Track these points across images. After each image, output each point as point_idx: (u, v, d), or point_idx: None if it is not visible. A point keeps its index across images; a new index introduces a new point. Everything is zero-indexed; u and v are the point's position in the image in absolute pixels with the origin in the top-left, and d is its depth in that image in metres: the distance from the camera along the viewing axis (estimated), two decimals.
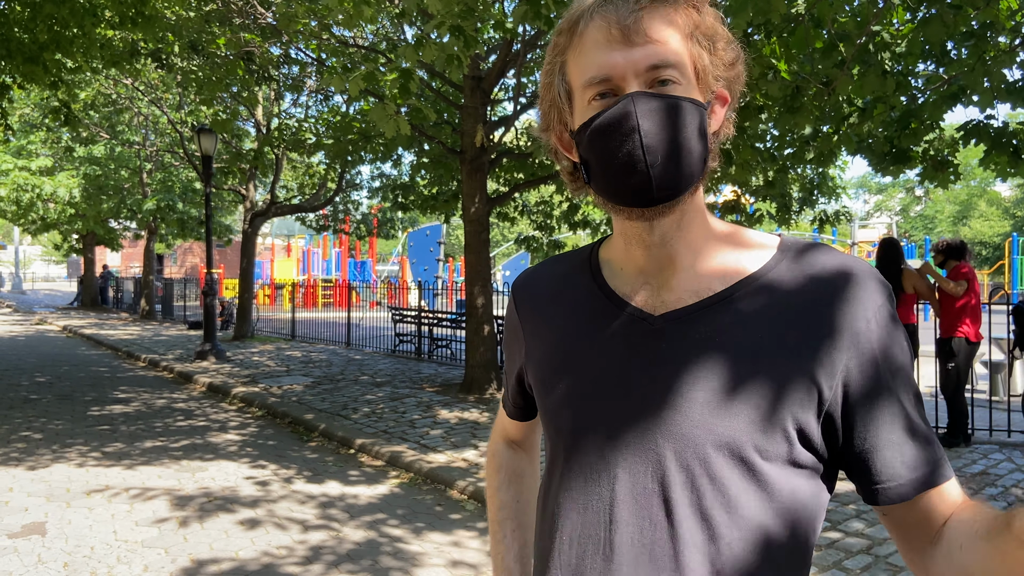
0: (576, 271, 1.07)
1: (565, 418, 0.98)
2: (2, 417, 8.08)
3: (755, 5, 4.33)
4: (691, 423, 0.88)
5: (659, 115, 0.87)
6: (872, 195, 58.51)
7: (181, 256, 42.53)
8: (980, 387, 9.95)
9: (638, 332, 0.95)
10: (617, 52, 0.89)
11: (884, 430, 0.88)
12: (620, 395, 0.94)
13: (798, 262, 0.94)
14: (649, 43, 0.88)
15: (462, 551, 4.41)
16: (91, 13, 8.13)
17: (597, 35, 0.90)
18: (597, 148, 0.90)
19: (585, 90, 0.92)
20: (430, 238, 32.24)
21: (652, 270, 0.97)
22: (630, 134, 0.86)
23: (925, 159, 6.55)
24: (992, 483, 5.48)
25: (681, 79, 0.89)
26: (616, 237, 1.02)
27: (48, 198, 20.77)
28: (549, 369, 1.02)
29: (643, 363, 0.93)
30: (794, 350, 0.88)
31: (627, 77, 0.89)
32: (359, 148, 11.70)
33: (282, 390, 9.58)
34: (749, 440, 0.87)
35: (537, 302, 1.10)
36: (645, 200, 0.89)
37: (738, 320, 0.91)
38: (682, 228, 0.95)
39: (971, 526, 0.83)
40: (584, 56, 0.92)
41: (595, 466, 0.94)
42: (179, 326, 20.04)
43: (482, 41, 8.94)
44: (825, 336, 0.88)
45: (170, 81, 16.14)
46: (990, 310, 7.57)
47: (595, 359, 0.97)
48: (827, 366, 0.87)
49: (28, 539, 4.53)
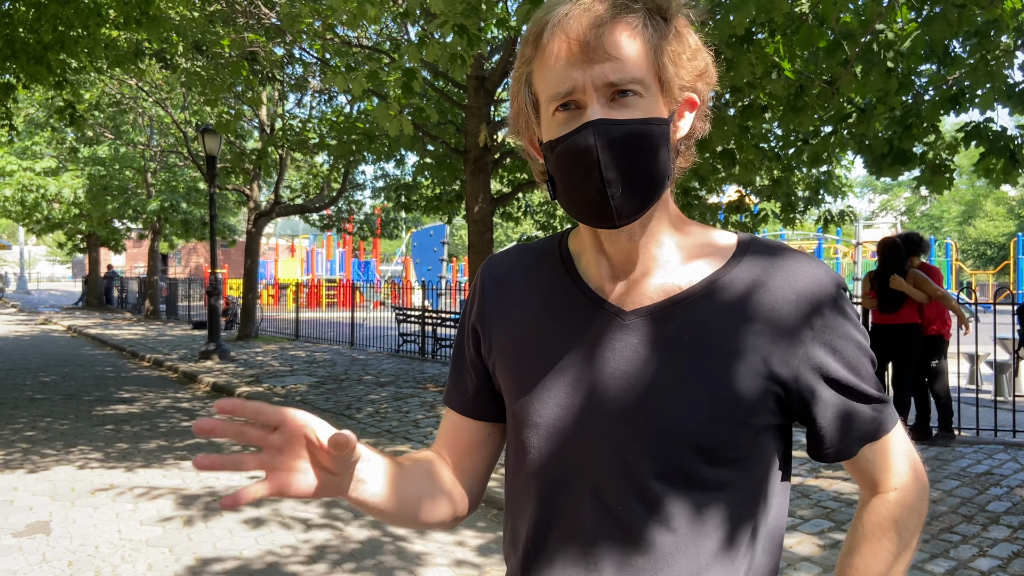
0: (547, 262, 1.07)
1: (535, 409, 0.99)
2: (7, 417, 8.10)
3: (758, 3, 4.32)
4: (661, 418, 0.92)
5: (619, 145, 0.88)
6: (878, 194, 58.35)
7: (185, 256, 42.61)
8: (985, 387, 9.92)
9: (610, 327, 0.98)
10: (576, 69, 0.89)
11: (838, 409, 0.96)
12: (591, 388, 0.96)
13: (757, 259, 0.98)
14: (608, 60, 0.88)
15: (465, 551, 4.41)
16: (96, 13, 8.16)
17: (559, 49, 0.90)
18: (560, 173, 0.93)
19: (550, 103, 0.93)
20: (434, 238, 32.24)
21: (620, 264, 1.00)
22: (591, 168, 0.89)
23: (923, 162, 6.52)
24: (997, 483, 5.47)
25: (643, 91, 0.90)
26: (584, 230, 1.04)
27: (53, 198, 20.85)
28: (520, 360, 1.03)
29: (613, 358, 0.96)
30: (756, 345, 0.93)
31: (588, 91, 0.89)
32: (363, 148, 11.71)
33: (286, 390, 9.60)
34: (717, 433, 0.92)
35: (507, 292, 1.08)
36: (607, 225, 0.93)
37: (705, 317, 0.95)
38: (648, 226, 0.98)
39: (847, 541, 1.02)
40: (547, 70, 0.92)
41: (564, 457, 0.97)
42: (183, 326, 20.08)
43: (485, 41, 8.94)
44: (785, 330, 0.94)
45: (174, 81, 16.17)
46: (995, 310, 7.55)
47: (566, 352, 0.99)
48: (787, 359, 0.93)
49: (33, 538, 4.54)
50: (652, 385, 0.93)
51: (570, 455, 0.96)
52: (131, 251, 42.46)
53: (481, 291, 1.11)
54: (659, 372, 0.93)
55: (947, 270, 28.04)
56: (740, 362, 0.92)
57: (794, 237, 30.35)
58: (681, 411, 0.92)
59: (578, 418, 0.96)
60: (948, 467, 5.90)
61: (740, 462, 0.94)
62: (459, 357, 1.14)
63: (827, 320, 0.95)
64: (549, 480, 0.98)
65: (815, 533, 4.48)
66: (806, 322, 0.94)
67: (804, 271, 0.96)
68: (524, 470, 1.01)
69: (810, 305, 0.94)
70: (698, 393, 0.92)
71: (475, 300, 1.12)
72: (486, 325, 1.08)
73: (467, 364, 1.12)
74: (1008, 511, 4.85)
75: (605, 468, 0.94)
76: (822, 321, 0.94)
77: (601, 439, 0.94)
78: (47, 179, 20.53)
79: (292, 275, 33.99)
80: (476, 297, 1.12)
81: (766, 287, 0.95)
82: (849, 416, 0.96)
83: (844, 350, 0.95)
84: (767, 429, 0.95)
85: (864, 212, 50.70)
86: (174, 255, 40.33)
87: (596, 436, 0.95)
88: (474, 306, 1.12)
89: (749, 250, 1.00)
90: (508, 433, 1.07)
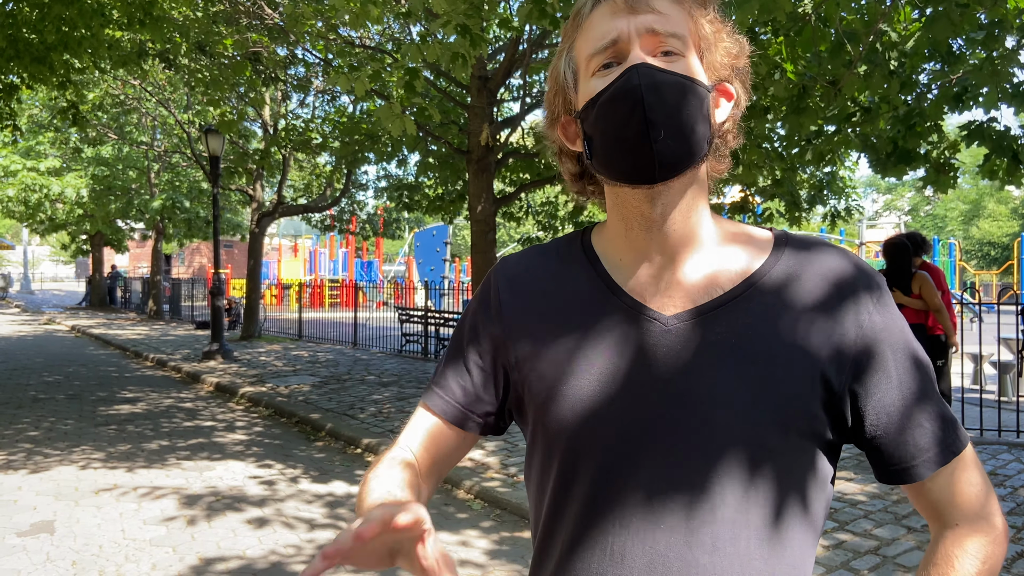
0: (571, 264, 1.02)
1: (573, 422, 0.93)
2: (11, 416, 8.12)
3: (761, 2, 4.32)
4: (711, 425, 0.88)
5: (663, 90, 0.87)
6: (881, 194, 58.24)
7: (189, 256, 42.66)
8: (989, 387, 9.90)
9: (651, 333, 0.93)
10: (621, 19, 0.91)
11: (895, 416, 0.90)
12: (634, 398, 0.91)
13: (796, 258, 0.95)
14: (652, 12, 0.90)
15: (469, 551, 4.41)
16: (99, 14, 8.17)
17: (603, 10, 0.93)
18: (601, 121, 0.91)
19: (591, 60, 0.93)
20: (436, 238, 32.28)
21: (654, 257, 0.95)
22: (635, 107, 0.87)
23: (928, 161, 6.52)
24: (1001, 483, 5.46)
25: (684, 51, 0.91)
26: (612, 224, 1.00)
27: (56, 198, 20.89)
28: (553, 371, 0.96)
29: (657, 366, 0.91)
30: (804, 347, 0.89)
31: (631, 40, 0.90)
32: (365, 148, 11.73)
33: (289, 390, 9.60)
34: (767, 440, 0.88)
35: (529, 298, 1.02)
36: (646, 176, 0.89)
37: (750, 320, 0.91)
38: (682, 208, 0.93)
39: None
40: (590, 30, 0.93)
41: (610, 468, 0.91)
42: (187, 326, 20.10)
43: (488, 41, 8.94)
44: (832, 331, 0.90)
45: (177, 82, 16.20)
46: (999, 310, 7.54)
47: (606, 361, 0.93)
48: (836, 361, 0.89)
49: (37, 537, 4.55)
50: (700, 393, 0.89)
51: (613, 467, 0.91)
52: (134, 251, 42.56)
53: (496, 296, 1.04)
54: (706, 379, 0.89)
55: (951, 270, 28.01)
56: (790, 366, 0.88)
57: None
58: (731, 418, 0.88)
59: (622, 430, 0.91)
60: None
61: (791, 472, 0.89)
62: (456, 362, 1.05)
63: (878, 319, 0.92)
64: (593, 496, 0.92)
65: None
66: (854, 323, 0.91)
67: (843, 266, 0.94)
68: (561, 482, 0.95)
69: (856, 305, 0.92)
70: (748, 399, 0.88)
71: (488, 305, 1.04)
72: (508, 334, 1.01)
73: (467, 372, 1.03)
74: (1012, 512, 4.85)
75: (651, 481, 0.89)
76: (872, 321, 0.91)
77: (647, 452, 0.90)
78: (51, 179, 20.57)
79: (295, 275, 34.05)
80: (489, 302, 1.04)
81: (807, 285, 0.93)
82: (908, 430, 0.90)
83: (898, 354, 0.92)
84: (816, 438, 0.90)
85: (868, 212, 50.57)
86: (177, 255, 40.38)
87: (640, 448, 0.90)
88: (487, 312, 1.04)
89: (787, 245, 0.97)
90: (535, 444, 1.00)
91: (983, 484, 0.93)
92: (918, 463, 0.90)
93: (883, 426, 0.91)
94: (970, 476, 0.92)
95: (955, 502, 0.91)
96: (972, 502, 0.91)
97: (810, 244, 0.97)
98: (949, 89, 5.68)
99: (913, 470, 0.91)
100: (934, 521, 0.93)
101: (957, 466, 0.91)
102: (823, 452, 0.92)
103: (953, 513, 0.91)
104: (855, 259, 0.95)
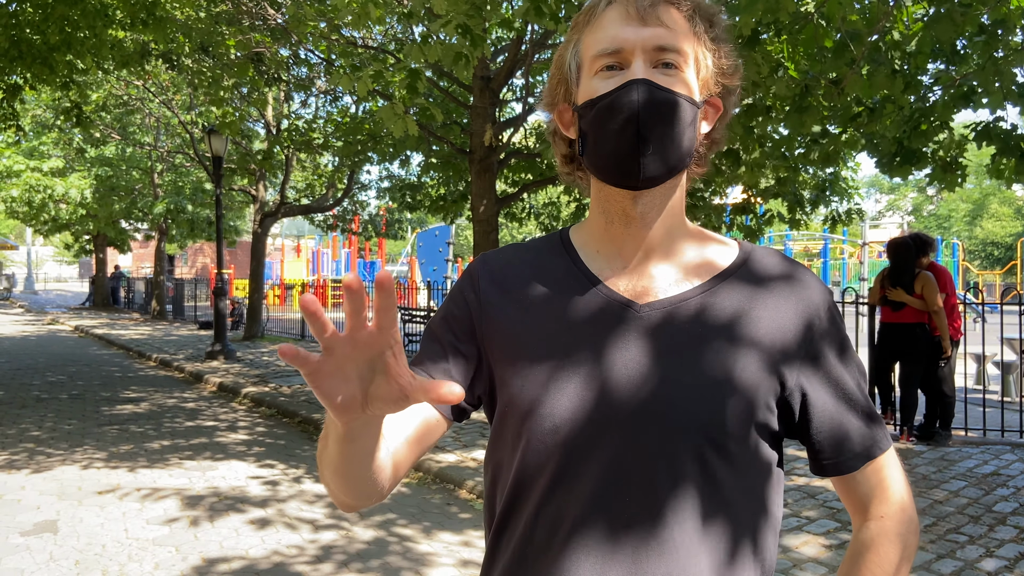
0: (550, 256, 1.07)
1: (542, 401, 0.96)
2: (14, 416, 8.14)
3: (765, 3, 4.31)
4: (676, 410, 0.93)
5: (657, 108, 0.93)
6: (884, 194, 58.13)
7: (192, 256, 42.72)
8: (992, 388, 9.88)
9: (620, 319, 0.98)
10: (630, 28, 0.96)
11: (834, 414, 0.99)
12: (602, 381, 0.95)
13: (760, 264, 1.04)
14: (660, 26, 0.96)
15: (472, 551, 4.41)
16: (102, 14, 8.18)
17: (615, 14, 0.98)
18: (597, 125, 0.97)
19: (595, 61, 0.98)
20: (439, 238, 32.24)
21: (630, 251, 1.01)
22: (629, 121, 0.93)
23: (934, 160, 6.50)
24: (1003, 484, 5.45)
25: (683, 65, 0.97)
26: (594, 217, 1.05)
27: (60, 199, 20.91)
28: (526, 352, 0.99)
29: (627, 350, 0.96)
30: (764, 343, 0.97)
31: (635, 51, 0.95)
32: (368, 149, 11.73)
33: (291, 390, 9.62)
34: (726, 425, 0.93)
35: (507, 285, 1.05)
36: (630, 184, 0.96)
37: (717, 313, 0.98)
38: (662, 212, 1.01)
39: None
40: (599, 31, 0.98)
41: (569, 449, 0.95)
42: (190, 326, 20.13)
43: (491, 41, 8.95)
44: (789, 331, 0.98)
45: (181, 82, 16.23)
46: (1002, 311, 7.52)
47: (576, 344, 0.98)
48: (790, 358, 0.97)
49: (40, 537, 4.56)
50: (663, 377, 0.94)
51: (576, 447, 0.94)
52: (138, 251, 42.60)
53: (477, 283, 1.07)
54: (670, 364, 0.95)
55: (954, 270, 27.95)
56: (748, 357, 0.95)
57: (800, 237, 30.26)
58: (692, 403, 0.93)
59: (587, 410, 0.95)
60: (954, 468, 5.88)
61: (748, 459, 0.95)
62: (432, 347, 1.06)
63: (826, 326, 1.00)
64: (553, 472, 0.95)
65: (821, 533, 4.47)
66: (806, 327, 0.99)
67: (803, 279, 1.02)
68: (525, 461, 0.97)
69: (809, 312, 1.00)
70: (708, 385, 0.93)
71: (466, 293, 1.07)
72: (484, 319, 1.04)
73: (447, 355, 1.04)
74: (1015, 512, 4.84)
75: (614, 461, 0.93)
76: (822, 327, 1.00)
77: (611, 432, 0.93)
78: (54, 179, 20.59)
79: (298, 275, 34.08)
80: (469, 288, 1.07)
81: (769, 287, 1.01)
82: (844, 427, 0.99)
83: (840, 358, 1.01)
84: (767, 429, 0.97)
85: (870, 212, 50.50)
86: (180, 255, 40.45)
87: (605, 429, 0.94)
88: (465, 299, 1.07)
89: (753, 251, 1.05)
90: (502, 425, 1.02)
91: (903, 479, 1.02)
92: (849, 458, 0.99)
93: (821, 423, 0.99)
94: (892, 472, 1.01)
95: (879, 495, 1.00)
96: (894, 495, 1.00)
97: (772, 253, 1.06)
98: (959, 88, 5.66)
99: (844, 463, 0.99)
100: (858, 513, 1.02)
101: (882, 462, 1.00)
102: (773, 441, 0.99)
103: (878, 506, 1.00)
104: (808, 271, 1.04)
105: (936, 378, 6.64)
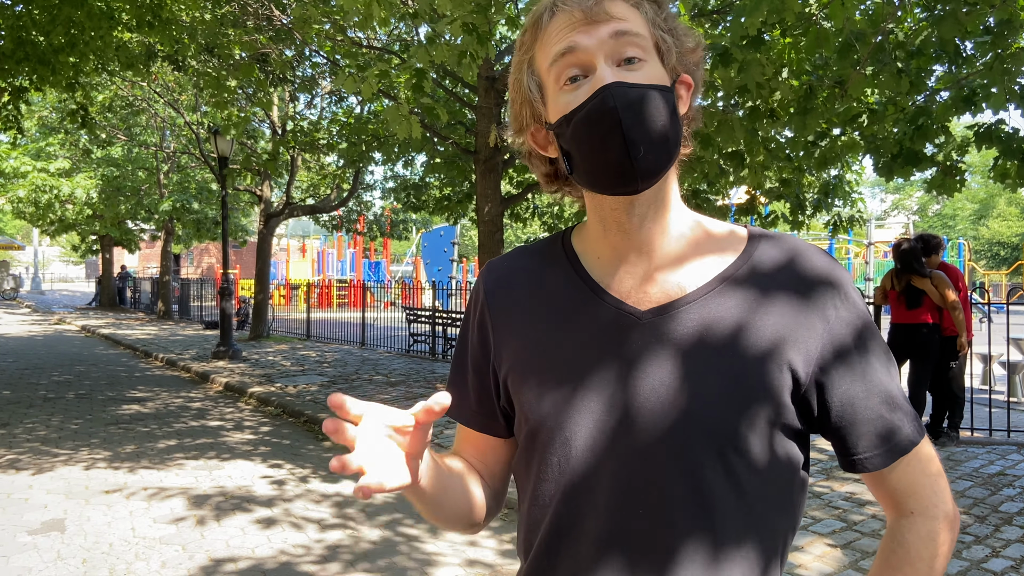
0: (552, 263, 1.05)
1: (553, 415, 0.96)
2: (21, 415, 8.18)
3: (770, 5, 4.32)
4: (685, 417, 0.91)
5: (637, 107, 0.90)
6: (889, 194, 57.96)
7: (198, 256, 42.81)
8: (998, 388, 9.86)
9: (625, 326, 0.96)
10: (581, 32, 0.92)
11: (858, 407, 0.94)
12: (612, 392, 0.94)
13: (768, 254, 0.98)
14: (611, 20, 0.92)
15: (478, 550, 4.42)
16: (108, 16, 8.21)
17: (560, 23, 0.94)
18: (580, 141, 0.93)
19: (557, 74, 0.94)
20: (444, 239, 32.26)
21: (631, 256, 0.99)
22: (613, 130, 0.89)
23: (935, 164, 6.49)
24: (1009, 484, 5.44)
25: (645, 56, 0.93)
26: (592, 224, 1.03)
27: (66, 199, 20.99)
28: (534, 367, 1.00)
29: (633, 359, 0.94)
30: (773, 340, 0.92)
31: (595, 55, 0.92)
32: (372, 149, 11.75)
33: (297, 389, 9.64)
34: (740, 430, 0.90)
35: (512, 297, 1.05)
36: (630, 190, 0.93)
37: (723, 313, 0.94)
38: (658, 212, 0.98)
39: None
40: (552, 44, 0.95)
41: (585, 461, 0.94)
42: (195, 326, 20.19)
43: (495, 42, 8.95)
44: (800, 324, 0.93)
45: (186, 83, 16.27)
46: (1008, 311, 7.51)
47: (583, 356, 0.97)
48: (803, 353, 0.92)
49: (48, 536, 4.59)
50: (673, 384, 0.91)
51: (592, 459, 0.94)
52: (144, 251, 42.70)
53: (484, 298, 1.07)
54: (679, 370, 0.92)
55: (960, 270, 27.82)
56: (760, 357, 0.91)
57: (805, 237, 30.20)
58: (704, 409, 0.90)
59: (600, 422, 0.94)
60: (961, 467, 5.87)
61: (771, 461, 0.92)
62: (461, 368, 1.10)
63: (843, 313, 0.95)
64: (569, 485, 0.95)
65: (827, 534, 4.47)
66: (820, 316, 0.94)
67: (812, 262, 0.97)
68: (541, 476, 0.98)
69: (822, 300, 0.95)
70: (719, 389, 0.90)
71: (477, 308, 1.08)
72: (494, 334, 1.05)
73: (470, 376, 1.09)
74: (1021, 512, 4.83)
75: (628, 471, 0.92)
76: (837, 314, 0.94)
77: (624, 443, 0.92)
78: (61, 180, 20.66)
79: (303, 275, 34.10)
80: (479, 305, 1.08)
81: (777, 279, 0.96)
82: (870, 421, 0.94)
83: (863, 346, 0.95)
84: (785, 427, 0.93)
85: (876, 212, 50.36)
86: (186, 256, 40.55)
87: (618, 440, 0.93)
88: (476, 314, 1.08)
89: (760, 242, 1.00)
90: (520, 438, 1.04)
91: (937, 473, 0.97)
92: (879, 453, 0.94)
93: (846, 417, 0.94)
94: (926, 466, 0.96)
95: (912, 491, 0.95)
96: (927, 491, 0.95)
97: (781, 240, 1.00)
98: (961, 91, 5.65)
99: (874, 459, 0.94)
100: (891, 509, 0.98)
101: (914, 456, 0.95)
102: (793, 440, 0.95)
103: (909, 502, 0.96)
104: (823, 255, 0.98)
105: (946, 378, 6.63)
